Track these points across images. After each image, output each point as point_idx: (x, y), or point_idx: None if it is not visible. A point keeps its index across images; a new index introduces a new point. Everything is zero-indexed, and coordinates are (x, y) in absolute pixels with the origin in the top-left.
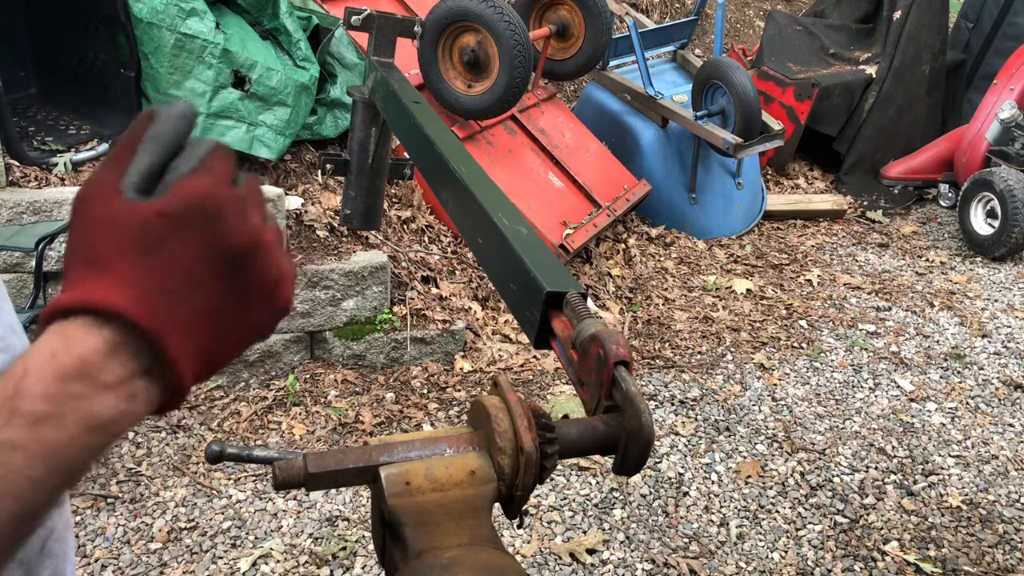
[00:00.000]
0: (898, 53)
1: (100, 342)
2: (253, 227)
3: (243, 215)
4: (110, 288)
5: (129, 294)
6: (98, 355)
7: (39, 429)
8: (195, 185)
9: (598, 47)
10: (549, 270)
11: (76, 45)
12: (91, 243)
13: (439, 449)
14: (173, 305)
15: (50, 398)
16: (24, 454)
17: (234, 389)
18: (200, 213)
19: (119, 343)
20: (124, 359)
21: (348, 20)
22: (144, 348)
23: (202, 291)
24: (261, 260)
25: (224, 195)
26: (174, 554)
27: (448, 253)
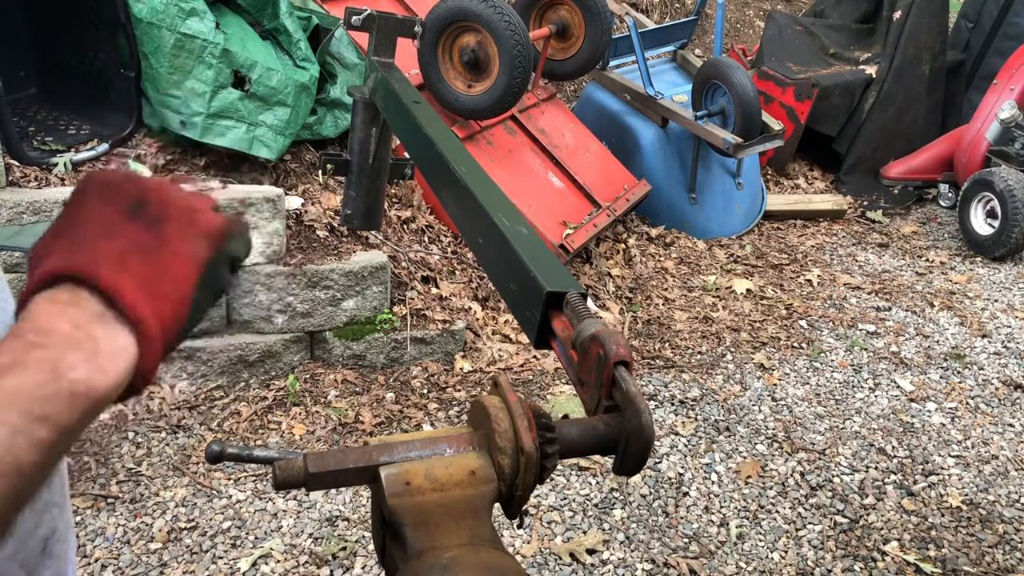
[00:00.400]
0: (898, 53)
1: (47, 302)
2: (140, 181)
3: (130, 176)
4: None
5: (59, 259)
6: (49, 311)
7: (4, 378)
8: (82, 177)
9: (598, 47)
10: (549, 270)
11: (76, 45)
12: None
13: (439, 449)
14: (93, 251)
15: (8, 352)
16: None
17: (234, 389)
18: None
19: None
20: (74, 308)
21: (348, 20)
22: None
23: (114, 235)
24: (158, 196)
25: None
26: (174, 554)
27: (448, 253)
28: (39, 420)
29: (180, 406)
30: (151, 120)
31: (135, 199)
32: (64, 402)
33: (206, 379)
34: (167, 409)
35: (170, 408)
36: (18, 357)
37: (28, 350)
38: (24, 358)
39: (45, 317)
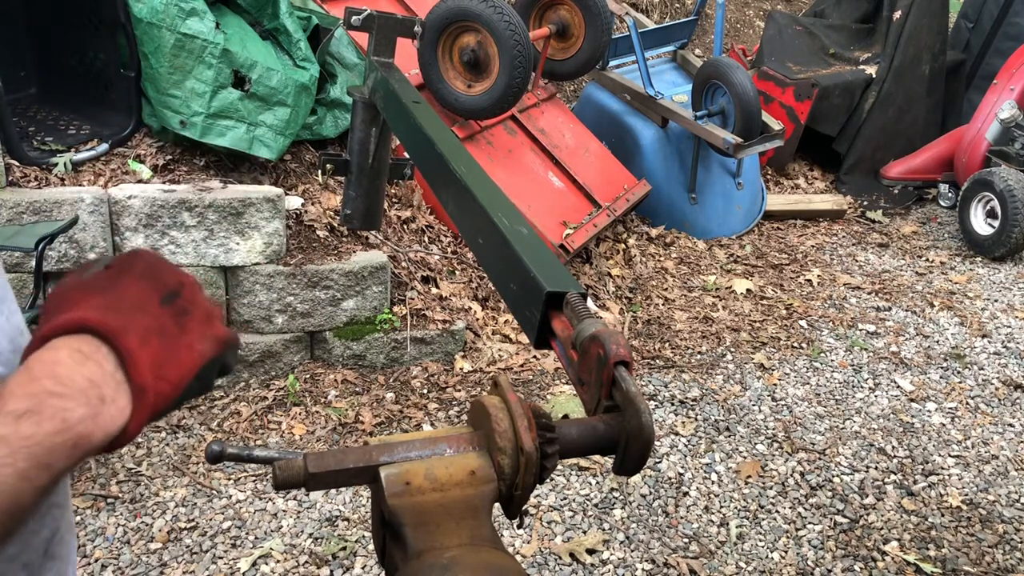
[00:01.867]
0: (898, 53)
1: (72, 350)
2: (179, 272)
3: (168, 264)
4: (78, 312)
5: (93, 312)
6: (70, 360)
7: (20, 424)
8: (129, 252)
9: (598, 47)
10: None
11: (76, 45)
12: (58, 302)
13: (439, 449)
14: (126, 318)
15: (28, 396)
16: (7, 447)
17: (234, 389)
18: (134, 261)
19: (88, 351)
20: (93, 364)
21: (348, 20)
22: (110, 352)
23: (149, 312)
24: (191, 293)
25: (148, 254)
26: (174, 554)
27: (448, 253)
28: (44, 467)
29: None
30: (151, 120)
31: (172, 288)
32: (67, 451)
33: None
34: None
35: None
36: (36, 404)
37: (46, 398)
38: (41, 406)
39: (66, 367)
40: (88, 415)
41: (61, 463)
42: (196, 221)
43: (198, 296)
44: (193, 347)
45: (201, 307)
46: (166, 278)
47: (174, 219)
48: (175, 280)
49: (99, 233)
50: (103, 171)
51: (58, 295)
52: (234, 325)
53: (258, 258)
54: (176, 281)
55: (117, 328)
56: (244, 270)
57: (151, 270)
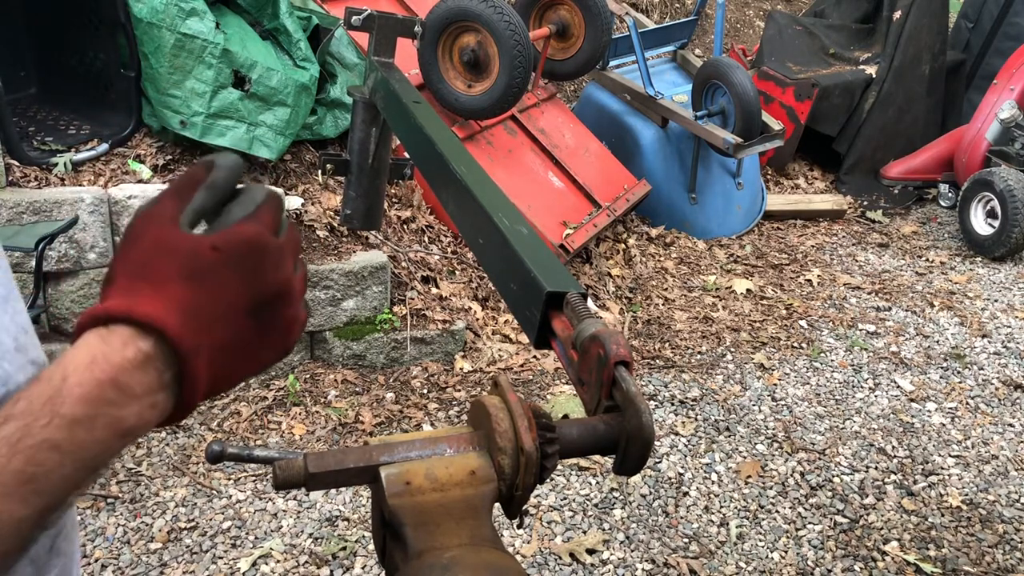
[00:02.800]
0: (898, 53)
1: (137, 353)
2: (286, 275)
3: (280, 263)
4: (158, 305)
5: (174, 314)
6: (133, 365)
7: (74, 430)
8: (246, 229)
9: (598, 47)
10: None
11: (76, 45)
12: (145, 261)
13: (439, 449)
14: (207, 331)
15: (87, 401)
16: (58, 453)
17: (234, 389)
18: (246, 254)
19: (153, 356)
20: (154, 372)
21: (348, 20)
22: (172, 364)
23: (232, 324)
24: (284, 305)
25: (268, 243)
26: (174, 554)
27: (448, 253)
28: (90, 469)
29: None
30: (151, 120)
31: (267, 298)
32: (112, 452)
33: None
34: None
35: None
36: (93, 411)
37: (103, 407)
38: (97, 413)
39: (128, 374)
40: (139, 424)
41: (101, 465)
42: None
43: (288, 306)
44: (259, 360)
45: (288, 316)
46: (267, 283)
47: None
48: (275, 286)
49: (99, 233)
50: (103, 171)
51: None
52: None
53: None
54: (275, 287)
55: (191, 348)
56: None
57: (256, 267)
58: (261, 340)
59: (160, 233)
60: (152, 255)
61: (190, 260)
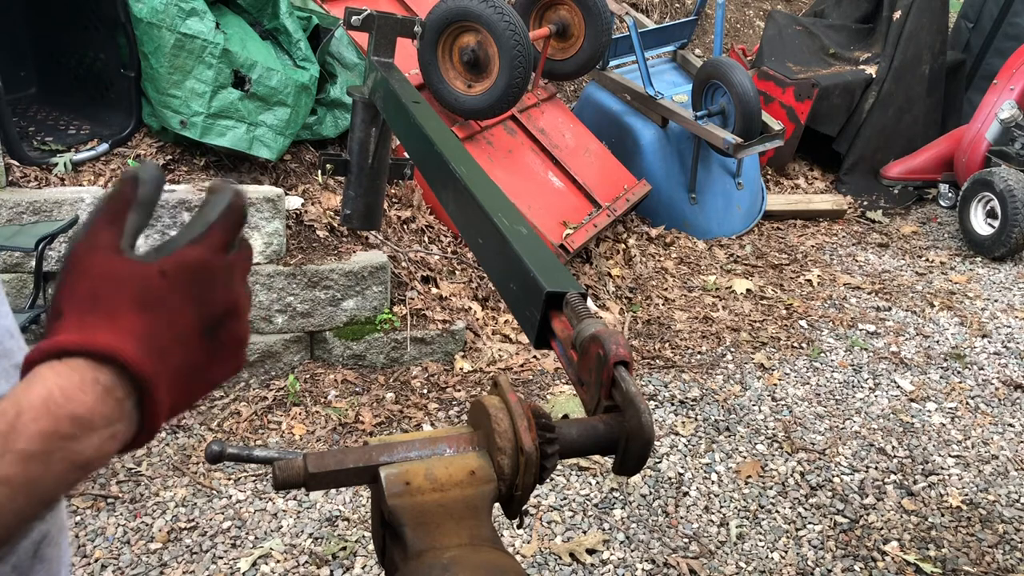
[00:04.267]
0: (898, 53)
1: (96, 385)
2: (235, 294)
3: (228, 282)
4: (113, 336)
5: (131, 343)
6: (92, 398)
7: (28, 466)
8: (193, 253)
9: (598, 47)
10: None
11: (76, 45)
12: (94, 293)
13: (439, 449)
14: (164, 357)
15: (43, 437)
16: (9, 488)
17: (234, 389)
18: (194, 277)
19: (112, 387)
20: (113, 403)
21: (348, 20)
22: (132, 393)
23: (187, 347)
24: (234, 323)
25: (216, 265)
26: (174, 554)
27: (448, 253)
28: (42, 503)
29: None
30: (151, 120)
31: (218, 317)
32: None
33: None
34: None
35: None
36: (48, 446)
37: (59, 441)
38: (52, 449)
39: (86, 407)
40: (98, 454)
41: (54, 498)
42: None
43: (238, 324)
44: (213, 379)
45: (238, 335)
46: (217, 301)
47: (174, 219)
48: (224, 305)
49: None
50: (103, 171)
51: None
52: None
53: (258, 258)
54: (224, 307)
55: (151, 375)
56: None
57: (204, 294)
58: (214, 359)
59: (105, 263)
60: (100, 287)
61: (140, 289)
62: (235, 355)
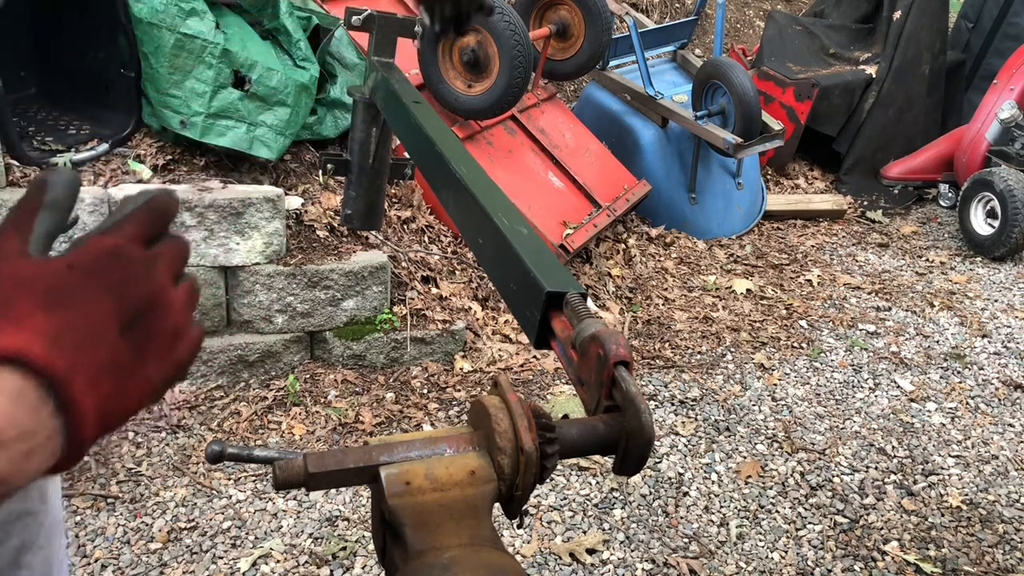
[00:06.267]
0: (898, 53)
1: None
2: (154, 285)
3: (145, 273)
4: (19, 336)
5: (38, 342)
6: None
7: None
8: (102, 242)
9: (598, 47)
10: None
11: (76, 45)
12: (9, 297)
13: (439, 449)
14: (77, 353)
15: None
16: None
17: (234, 389)
18: (104, 267)
19: (21, 393)
20: (24, 410)
21: (348, 20)
22: (48, 399)
23: (104, 342)
24: (159, 317)
25: (128, 253)
26: (174, 554)
27: (448, 253)
28: None
29: (180, 406)
30: (151, 120)
31: (137, 310)
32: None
33: (206, 379)
34: (167, 409)
35: (170, 408)
36: None
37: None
38: None
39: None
40: (11, 471)
41: None
42: (196, 221)
43: (163, 317)
44: (149, 379)
45: (166, 329)
46: (133, 294)
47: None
48: (143, 297)
49: None
50: (103, 171)
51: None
52: (233, 325)
53: (258, 258)
54: (143, 299)
55: (64, 371)
56: (244, 270)
57: (120, 282)
58: (141, 356)
59: (10, 268)
60: (5, 291)
61: (47, 285)
62: (168, 351)
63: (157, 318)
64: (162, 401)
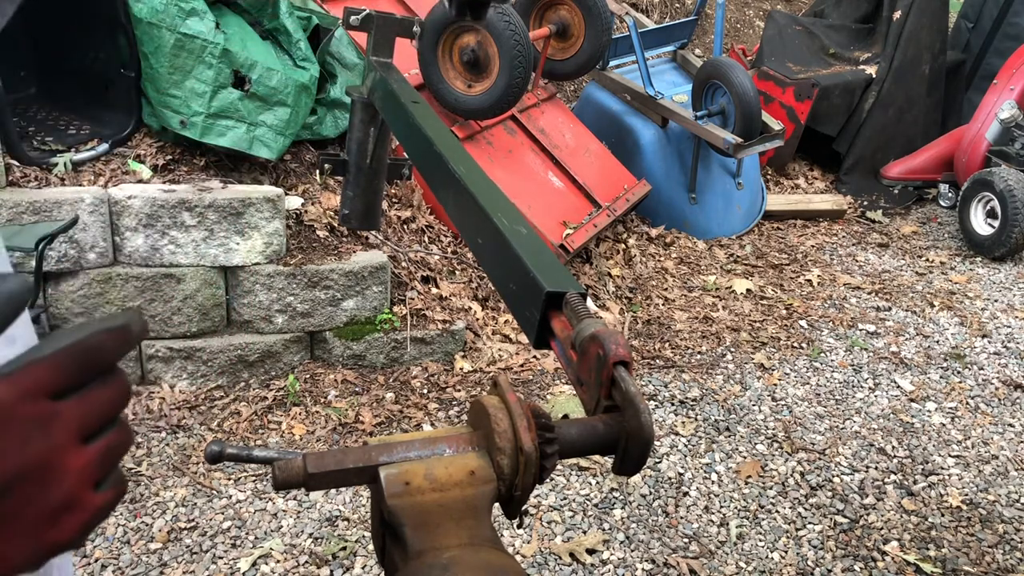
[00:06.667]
0: (898, 53)
1: None
2: (38, 452)
3: (30, 437)
4: None
5: None
6: None
7: None
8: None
9: (598, 47)
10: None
11: (76, 45)
12: None
13: (439, 449)
14: None
15: None
16: None
17: (234, 389)
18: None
19: None
20: None
21: (347, 20)
22: None
23: None
24: (34, 493)
25: (14, 412)
26: (174, 554)
27: (448, 253)
28: None
29: (180, 406)
30: (151, 120)
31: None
32: None
33: (206, 379)
34: (167, 409)
35: (170, 408)
36: None
37: None
38: None
39: None
40: None
41: None
42: (196, 221)
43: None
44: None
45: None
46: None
47: (174, 219)
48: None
49: (99, 233)
50: (103, 171)
51: None
52: (233, 325)
53: (258, 258)
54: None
55: None
56: (244, 270)
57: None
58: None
59: None
60: None
61: None
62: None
63: (33, 492)
64: (162, 401)
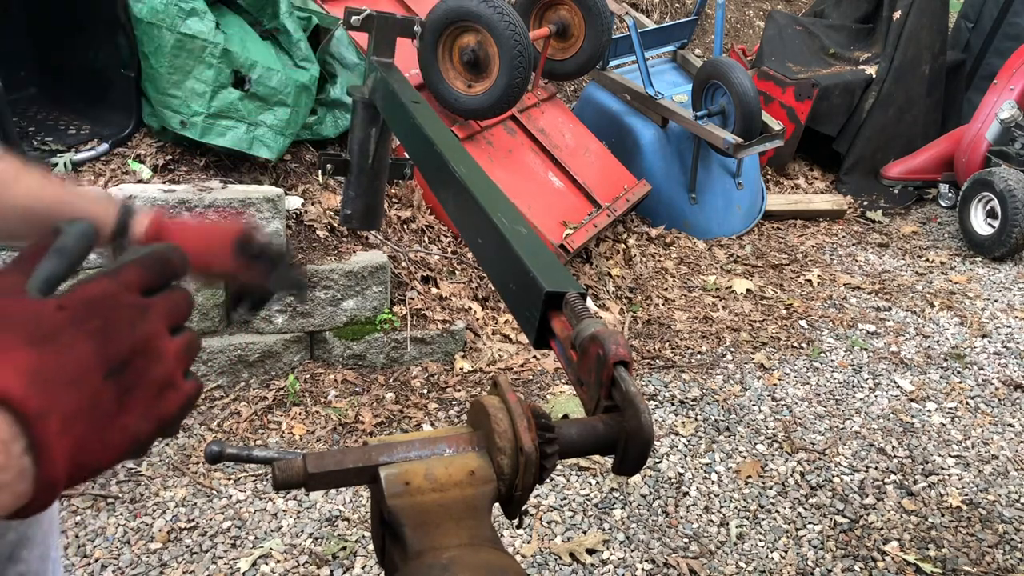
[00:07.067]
0: (898, 53)
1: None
2: (144, 333)
3: (137, 320)
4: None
5: (16, 378)
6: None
7: None
8: (96, 286)
9: (598, 47)
10: (549, 270)
11: (76, 45)
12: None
13: (439, 449)
14: (56, 393)
15: None
16: None
17: (234, 389)
18: (94, 310)
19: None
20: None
21: (348, 20)
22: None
23: (86, 386)
24: (148, 366)
25: (120, 298)
26: (174, 554)
27: (448, 253)
28: None
29: None
30: (151, 120)
31: (123, 358)
32: None
33: (206, 379)
34: None
35: None
36: None
37: None
38: None
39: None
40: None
41: None
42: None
43: (153, 366)
44: (127, 428)
45: (154, 379)
46: (121, 341)
47: None
48: (131, 344)
49: None
50: (103, 171)
51: None
52: (233, 325)
53: None
54: (131, 346)
55: (39, 411)
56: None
57: (107, 329)
58: (123, 404)
59: (3, 305)
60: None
61: (35, 324)
62: (154, 403)
63: (145, 367)
64: None
